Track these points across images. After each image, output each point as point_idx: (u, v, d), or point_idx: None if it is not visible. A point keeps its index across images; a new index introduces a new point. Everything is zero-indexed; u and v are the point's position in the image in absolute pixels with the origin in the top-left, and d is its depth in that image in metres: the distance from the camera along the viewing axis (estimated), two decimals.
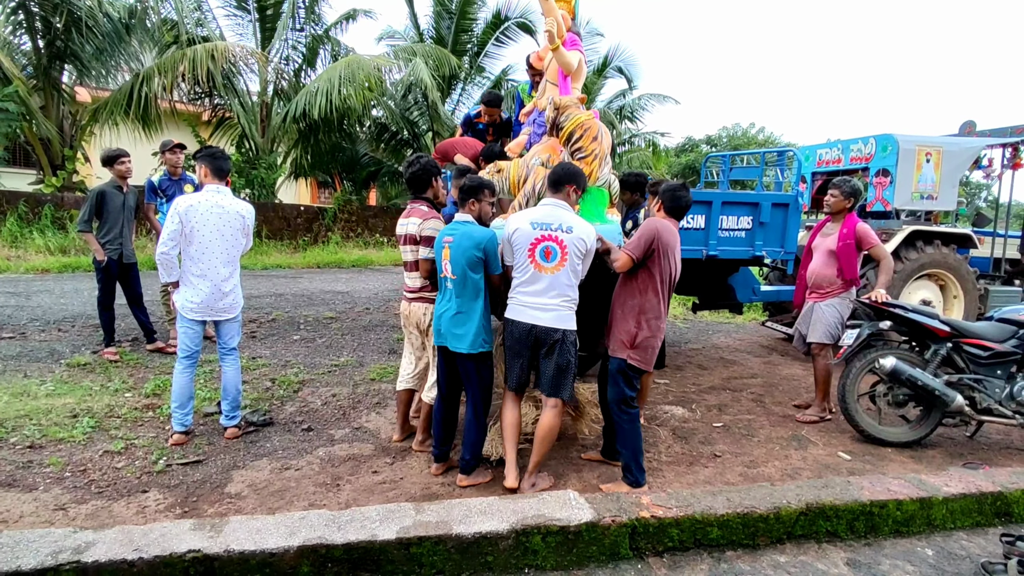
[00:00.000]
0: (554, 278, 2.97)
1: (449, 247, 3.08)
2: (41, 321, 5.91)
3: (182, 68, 10.40)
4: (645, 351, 3.14)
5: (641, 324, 3.12)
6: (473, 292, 3.07)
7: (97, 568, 2.13)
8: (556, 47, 3.74)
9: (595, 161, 3.52)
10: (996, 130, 6.52)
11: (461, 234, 3.06)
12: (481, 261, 3.03)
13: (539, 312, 2.99)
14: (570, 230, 2.98)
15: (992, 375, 3.84)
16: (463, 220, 3.14)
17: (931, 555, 2.70)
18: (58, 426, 3.68)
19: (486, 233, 3.07)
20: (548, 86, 4.09)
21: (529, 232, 2.99)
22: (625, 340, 3.13)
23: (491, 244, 3.05)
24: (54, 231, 10.00)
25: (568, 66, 3.85)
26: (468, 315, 3.07)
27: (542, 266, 2.98)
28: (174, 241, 3.45)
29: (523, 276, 3.03)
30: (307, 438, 3.76)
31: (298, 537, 2.31)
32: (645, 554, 2.57)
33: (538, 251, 2.97)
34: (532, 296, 3.00)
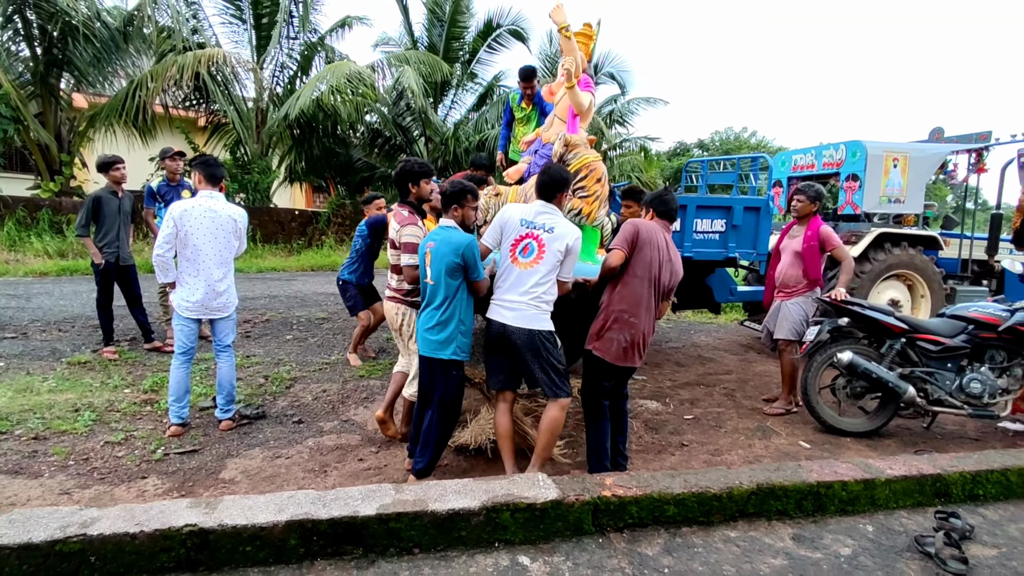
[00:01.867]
0: (525, 273, 3.03)
1: (430, 252, 3.11)
2: (42, 322, 6.11)
3: (172, 74, 10.63)
4: (608, 343, 3.19)
5: (610, 315, 3.20)
6: (450, 298, 3.06)
7: (101, 540, 2.33)
8: (572, 86, 3.84)
9: (596, 202, 3.70)
10: (962, 136, 6.79)
11: (441, 239, 3.08)
12: (460, 267, 3.02)
13: (507, 311, 3.04)
14: (551, 230, 3.05)
15: (943, 368, 4.08)
16: (446, 225, 3.17)
17: (871, 531, 2.93)
18: (60, 419, 3.88)
19: (465, 238, 3.06)
20: (556, 121, 4.22)
21: (516, 227, 3.09)
22: (593, 331, 3.25)
23: (469, 250, 3.02)
24: (52, 235, 10.20)
25: (580, 106, 3.96)
26: (444, 323, 3.06)
27: (518, 261, 3.05)
28: (169, 244, 3.66)
29: (503, 270, 3.11)
30: (297, 430, 3.97)
31: (286, 513, 2.52)
32: (607, 530, 2.79)
33: (519, 247, 3.06)
34: (504, 293, 3.07)
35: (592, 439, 3.33)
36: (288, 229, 13.35)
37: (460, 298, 3.08)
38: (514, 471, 3.14)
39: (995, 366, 4.06)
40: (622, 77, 18.00)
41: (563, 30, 3.92)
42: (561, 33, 3.95)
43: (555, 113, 4.29)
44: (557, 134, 3.99)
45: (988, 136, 6.49)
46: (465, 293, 3.10)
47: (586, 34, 4.35)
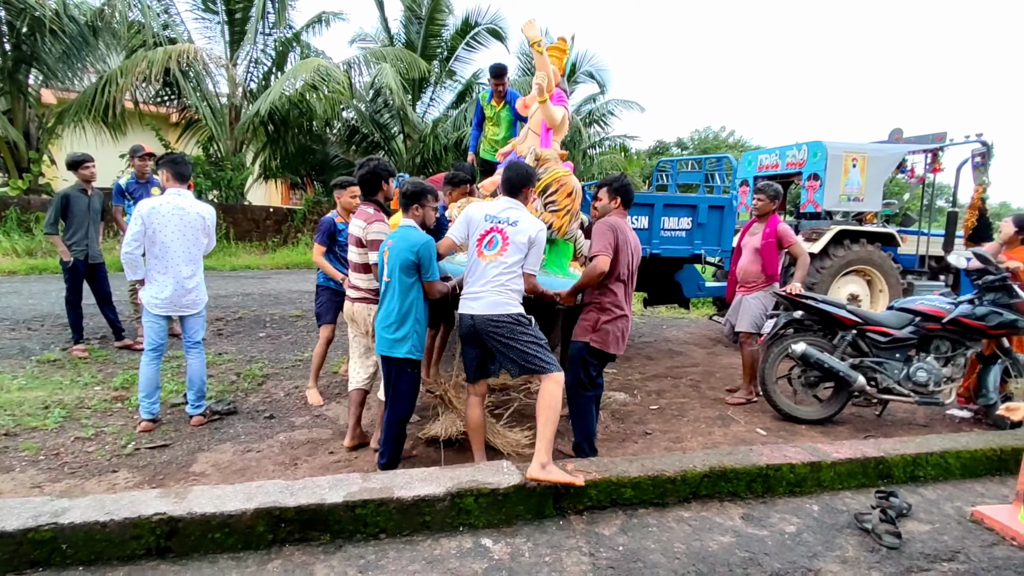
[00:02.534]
0: (488, 265, 3.07)
1: (388, 251, 3.15)
2: (11, 320, 6.05)
3: (142, 70, 10.50)
4: (606, 335, 3.34)
5: (604, 310, 3.35)
6: (404, 297, 3.09)
7: (73, 528, 2.39)
8: (544, 100, 3.91)
9: (566, 216, 3.76)
10: (919, 137, 7.06)
11: (399, 237, 3.14)
12: (414, 265, 3.06)
13: (472, 301, 3.07)
14: (515, 223, 3.09)
15: (892, 358, 4.29)
16: (406, 224, 3.21)
17: (816, 510, 3.11)
18: (31, 416, 3.89)
19: (422, 237, 3.11)
20: (530, 134, 4.28)
21: (481, 223, 3.13)
22: (588, 325, 3.37)
23: (425, 249, 3.06)
24: (20, 233, 10.02)
25: (552, 120, 4.02)
26: (400, 321, 3.09)
27: (484, 254, 3.09)
28: (137, 242, 3.69)
29: (470, 264, 3.16)
30: (269, 425, 4.03)
31: (254, 501, 2.60)
32: (567, 512, 2.92)
33: (484, 241, 3.11)
34: (470, 286, 3.11)
35: (585, 427, 3.47)
36: (263, 227, 13.26)
37: (415, 297, 3.12)
38: (483, 461, 3.20)
39: (940, 356, 4.28)
40: (601, 76, 18.20)
41: (535, 45, 4.01)
42: (534, 48, 4.04)
43: (529, 126, 4.34)
44: (530, 148, 4.07)
45: (944, 137, 6.77)
46: (420, 293, 3.15)
47: (559, 48, 4.42)
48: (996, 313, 4.09)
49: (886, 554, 2.72)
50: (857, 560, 2.67)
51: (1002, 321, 4.07)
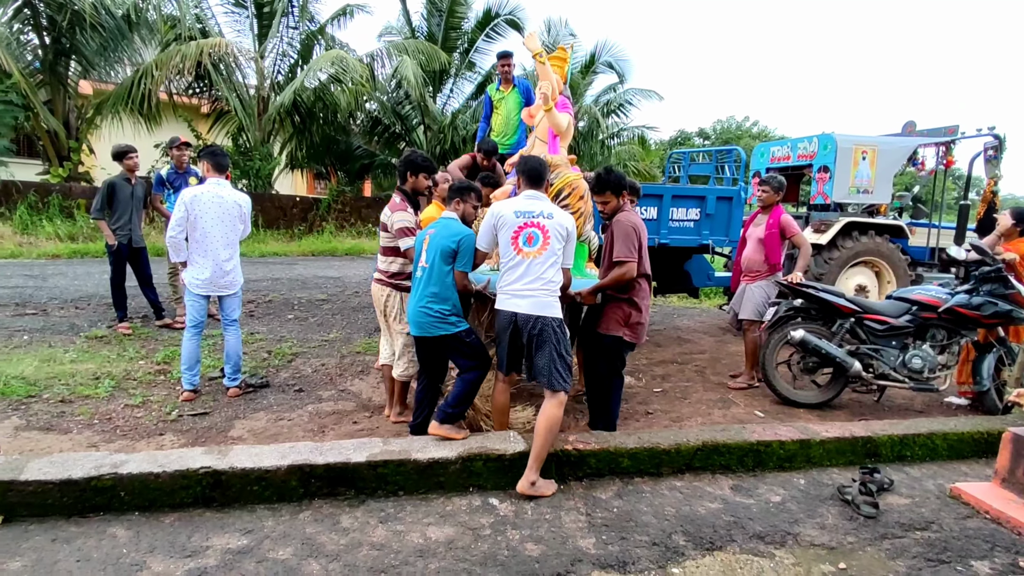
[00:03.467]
0: (533, 262, 3.05)
1: (430, 238, 3.26)
2: (60, 300, 6.50)
3: (176, 63, 10.95)
4: (638, 329, 3.48)
5: (634, 305, 3.43)
6: (442, 281, 3.20)
7: (130, 478, 2.73)
8: (549, 108, 4.06)
9: (580, 219, 3.95)
10: (932, 130, 7.10)
11: (442, 226, 3.27)
12: (453, 253, 3.17)
13: (518, 299, 3.05)
14: (551, 216, 3.11)
15: (888, 345, 4.46)
16: (448, 216, 3.35)
17: (803, 483, 3.33)
18: (83, 385, 4.27)
19: (465, 230, 3.25)
20: (537, 142, 4.40)
21: (513, 220, 3.09)
22: (619, 319, 3.45)
23: (467, 241, 3.18)
24: (62, 219, 10.57)
25: (559, 126, 4.14)
26: (441, 300, 3.19)
27: (524, 251, 3.05)
28: (181, 227, 4.03)
29: (507, 263, 3.12)
30: (298, 397, 4.37)
31: (288, 459, 2.92)
32: (568, 479, 3.18)
33: (521, 237, 3.07)
34: (514, 283, 3.07)
35: (611, 414, 3.64)
36: (289, 215, 13.70)
37: (453, 282, 3.23)
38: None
39: (936, 344, 4.44)
40: (620, 66, 18.17)
41: (537, 56, 4.19)
42: (535, 59, 4.22)
43: (536, 135, 4.47)
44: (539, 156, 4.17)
45: (956, 130, 6.81)
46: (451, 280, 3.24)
47: (560, 57, 4.56)
48: (991, 303, 4.22)
49: (863, 522, 2.94)
50: (835, 527, 2.89)
51: (997, 311, 4.20)
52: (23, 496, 2.64)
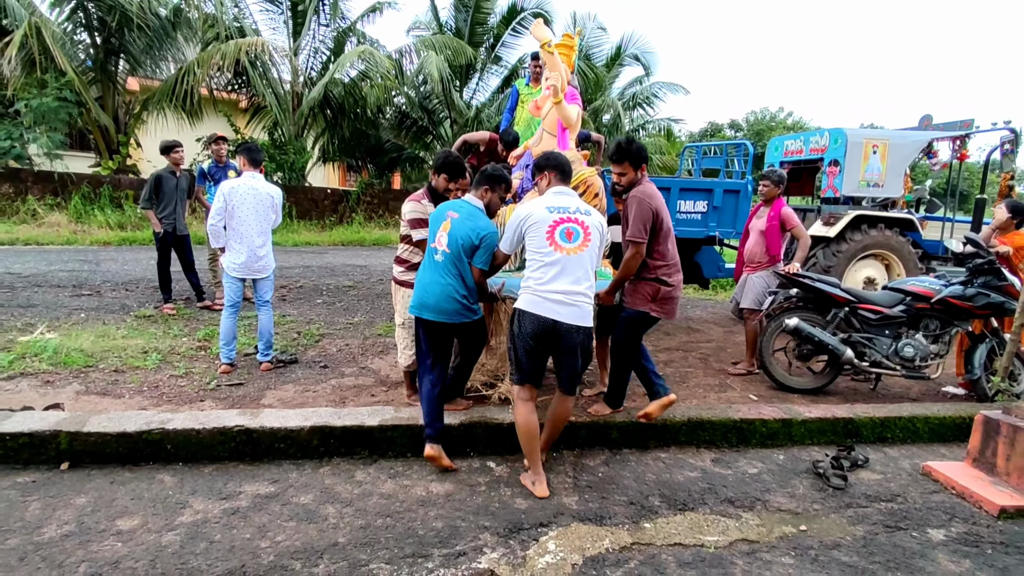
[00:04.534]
0: (577, 259, 2.87)
1: (451, 222, 3.11)
2: (111, 282, 7.09)
3: (216, 61, 11.55)
4: (665, 303, 3.43)
5: (661, 279, 3.39)
6: (463, 270, 3.12)
7: (175, 432, 3.16)
8: (559, 101, 3.93)
9: None
10: (948, 123, 7.10)
11: (467, 214, 3.12)
12: (473, 248, 3.07)
13: (560, 307, 2.83)
14: (589, 213, 2.97)
15: (881, 334, 4.62)
16: (473, 204, 3.19)
17: (782, 459, 3.57)
18: (134, 358, 4.76)
19: (490, 226, 3.12)
20: (545, 136, 4.28)
21: (546, 216, 2.89)
22: (647, 294, 3.41)
23: (490, 238, 3.07)
24: (112, 209, 11.30)
25: (569, 119, 4.03)
26: (466, 288, 3.12)
27: (563, 247, 2.86)
28: (220, 216, 4.46)
29: (543, 259, 2.87)
30: (323, 373, 4.77)
31: (310, 421, 3.32)
32: (560, 448, 3.50)
33: (558, 233, 2.87)
34: (552, 283, 2.84)
35: (624, 385, 3.69)
36: (321, 206, 14.26)
37: (469, 273, 3.18)
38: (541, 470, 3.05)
39: (929, 334, 4.58)
40: (646, 59, 18.18)
41: (545, 46, 4.12)
42: (544, 49, 4.14)
43: (544, 128, 4.32)
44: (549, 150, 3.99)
45: (971, 124, 6.81)
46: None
47: (567, 45, 4.45)
48: (983, 295, 4.35)
49: (831, 493, 3.18)
50: (804, 496, 3.14)
51: (989, 302, 4.33)
52: (86, 446, 3.09)
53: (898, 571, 2.53)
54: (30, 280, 6.99)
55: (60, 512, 2.64)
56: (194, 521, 2.63)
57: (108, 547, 2.42)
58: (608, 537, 2.65)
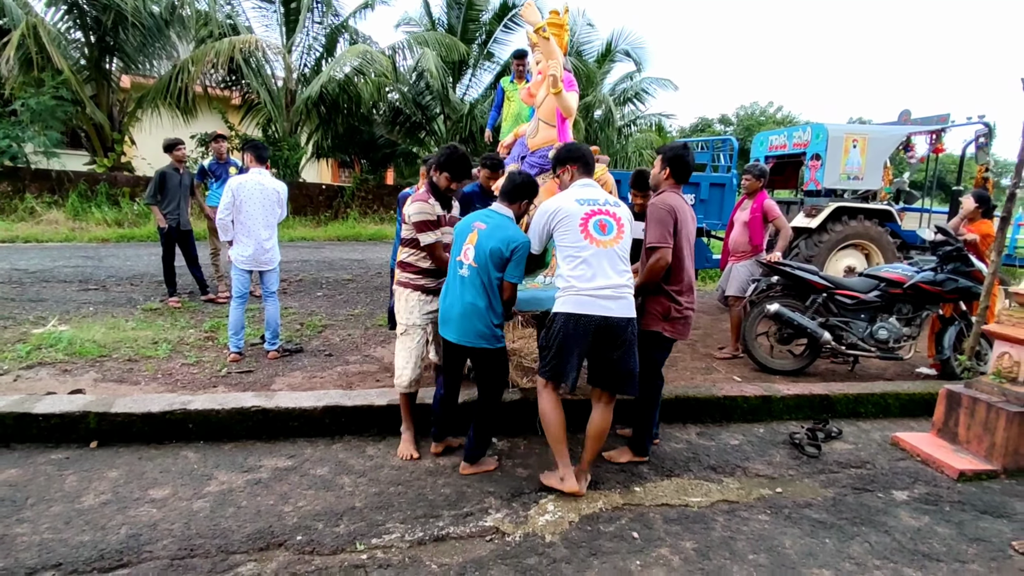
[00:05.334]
0: (612, 252, 2.76)
1: (478, 233, 2.93)
2: (116, 277, 7.25)
3: (210, 59, 11.67)
4: (677, 323, 3.17)
5: (674, 299, 3.12)
6: (490, 287, 2.90)
7: (196, 412, 3.38)
8: (559, 91, 3.63)
9: None
10: (925, 118, 7.40)
11: (496, 224, 2.92)
12: (504, 261, 2.86)
13: (609, 302, 2.72)
14: (619, 204, 2.87)
15: (857, 318, 4.90)
16: (504, 213, 3.00)
17: (762, 432, 3.84)
18: (145, 348, 4.95)
19: (521, 236, 2.89)
20: (541, 126, 3.99)
21: (576, 209, 2.77)
22: (658, 312, 3.14)
23: (522, 250, 2.86)
24: (109, 206, 11.41)
25: (569, 110, 3.76)
26: (490, 310, 2.91)
27: (599, 240, 2.74)
28: (228, 211, 4.66)
29: (580, 254, 2.74)
30: (328, 361, 4.98)
31: (323, 401, 3.54)
32: None
33: (591, 225, 2.76)
34: (596, 280, 2.73)
35: (651, 417, 3.31)
36: (316, 202, 14.41)
37: (497, 290, 2.93)
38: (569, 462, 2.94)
39: (902, 317, 4.87)
40: (637, 54, 18.38)
41: (539, 31, 3.75)
42: (538, 34, 3.78)
43: (539, 117, 4.03)
44: (546, 141, 3.90)
45: (947, 119, 7.10)
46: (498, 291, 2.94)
47: (558, 24, 3.98)
48: (952, 280, 4.64)
49: (805, 461, 3.45)
50: (780, 464, 3.41)
51: (957, 287, 4.62)
52: (113, 425, 3.30)
53: (863, 526, 2.80)
54: (37, 276, 7.14)
55: (96, 484, 2.86)
56: (220, 490, 2.86)
57: (144, 512, 2.64)
58: (602, 499, 2.90)
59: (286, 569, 2.32)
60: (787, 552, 2.55)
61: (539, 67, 3.89)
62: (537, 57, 3.88)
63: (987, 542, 2.72)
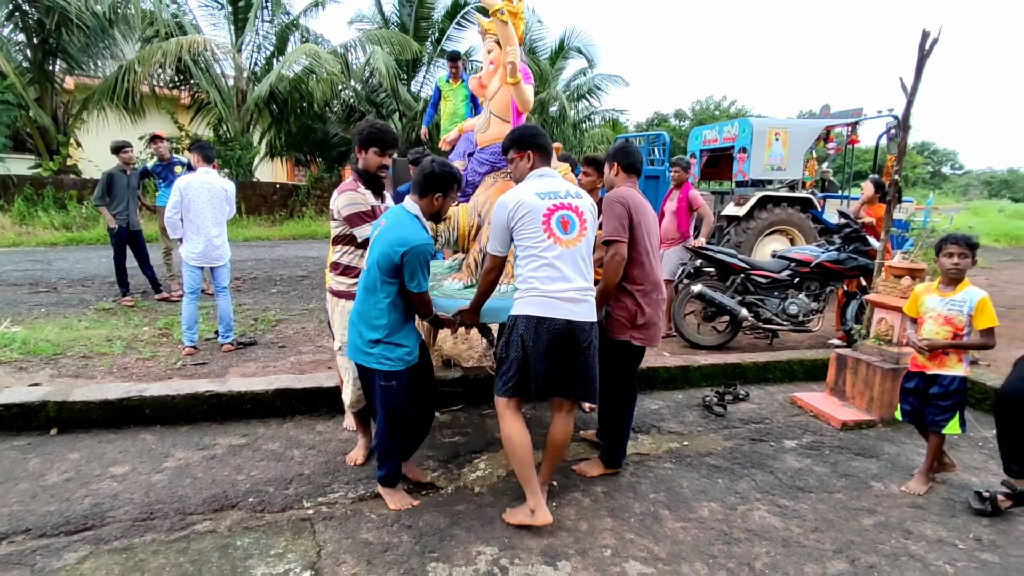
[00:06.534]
0: (576, 251, 2.55)
1: (378, 232, 2.62)
2: (67, 279, 7.27)
3: (157, 59, 11.59)
4: (648, 328, 2.95)
5: (638, 297, 2.91)
6: (376, 296, 2.57)
7: (152, 399, 3.59)
8: (517, 81, 3.31)
9: None
10: (842, 112, 8.03)
11: (391, 223, 2.58)
12: (395, 268, 2.49)
13: (573, 305, 2.51)
14: (579, 195, 2.64)
15: (771, 295, 5.40)
16: (408, 208, 2.64)
17: (680, 398, 4.27)
18: (99, 346, 5.07)
19: (416, 237, 2.49)
20: (493, 120, 3.66)
21: (537, 204, 2.53)
22: (624, 318, 2.92)
23: (413, 254, 2.47)
24: (56, 209, 11.22)
25: (527, 103, 3.44)
26: (366, 321, 2.60)
27: (561, 239, 2.52)
28: (176, 209, 4.83)
29: (543, 255, 2.51)
30: (282, 352, 5.20)
31: (273, 385, 3.80)
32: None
33: (554, 221, 2.53)
34: (560, 283, 2.50)
35: (624, 428, 3.15)
36: (270, 202, 14.40)
37: (397, 301, 2.59)
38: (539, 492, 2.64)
39: (810, 294, 5.39)
40: (589, 52, 18.90)
41: (496, 13, 3.35)
42: (496, 18, 3.37)
43: (492, 111, 3.68)
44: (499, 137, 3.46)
45: (860, 112, 7.74)
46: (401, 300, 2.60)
47: (512, 11, 3.50)
48: (852, 259, 5.17)
49: (713, 419, 3.89)
50: (691, 423, 3.84)
51: (856, 265, 5.16)
52: (72, 413, 3.49)
53: (753, 468, 3.23)
54: None
55: (58, 464, 3.06)
56: (178, 465, 3.10)
57: (106, 486, 2.87)
58: None
59: (239, 524, 2.59)
60: (683, 491, 2.96)
61: (491, 56, 3.61)
62: (489, 46, 3.62)
63: (854, 477, 3.19)
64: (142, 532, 2.52)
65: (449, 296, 3.22)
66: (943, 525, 2.75)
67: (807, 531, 2.67)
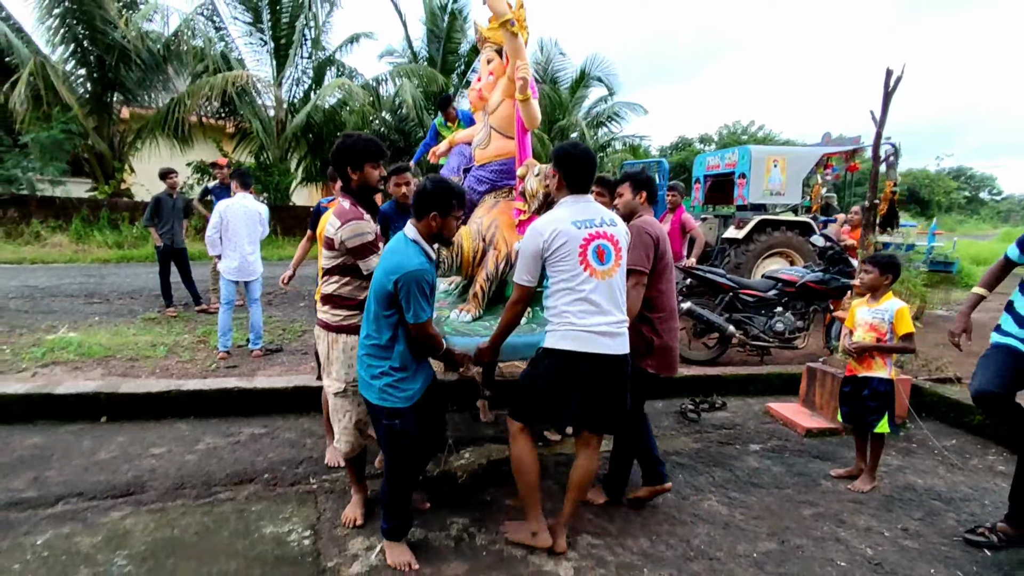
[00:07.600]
0: (612, 282, 2.46)
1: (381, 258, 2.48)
2: (118, 292, 8.03)
3: (205, 93, 12.62)
4: (661, 355, 2.92)
5: (655, 324, 2.89)
6: (382, 329, 2.39)
7: (188, 393, 4.13)
8: (526, 98, 3.17)
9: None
10: (841, 140, 8.31)
11: (386, 251, 2.46)
12: (390, 296, 2.32)
13: (608, 340, 2.44)
14: (614, 223, 2.53)
15: (758, 314, 5.70)
16: (406, 233, 2.45)
17: (660, 406, 4.60)
18: (145, 350, 5.69)
19: (410, 264, 2.31)
20: (494, 136, 3.49)
21: (574, 233, 2.42)
22: (641, 347, 2.84)
23: (406, 281, 2.28)
24: (110, 229, 12.22)
25: (535, 120, 3.27)
26: (372, 352, 2.42)
27: (597, 270, 2.43)
28: (216, 229, 5.46)
29: (580, 288, 2.42)
30: (305, 359, 5.72)
31: (293, 383, 4.31)
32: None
33: (590, 252, 2.43)
34: (596, 316, 2.42)
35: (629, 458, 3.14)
36: (305, 224, 15.19)
37: (397, 334, 2.40)
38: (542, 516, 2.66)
39: (796, 312, 5.67)
40: (609, 80, 19.54)
41: (506, 24, 3.15)
42: (505, 29, 3.17)
43: (493, 125, 3.49)
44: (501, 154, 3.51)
45: (859, 140, 8.01)
46: (405, 331, 2.40)
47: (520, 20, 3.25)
48: (836, 279, 5.45)
49: (687, 424, 4.22)
50: (667, 428, 4.18)
51: (839, 285, 5.43)
52: (120, 403, 4.05)
53: (714, 467, 3.56)
54: (46, 291, 7.91)
55: (107, 445, 3.60)
56: (207, 448, 3.61)
57: (146, 462, 3.39)
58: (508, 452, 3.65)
59: (255, 495, 3.07)
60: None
61: (490, 67, 3.42)
62: (488, 55, 3.43)
63: (807, 476, 3.49)
64: (174, 498, 3.02)
65: (462, 333, 2.98)
66: (876, 517, 3.04)
67: (749, 518, 3.00)
